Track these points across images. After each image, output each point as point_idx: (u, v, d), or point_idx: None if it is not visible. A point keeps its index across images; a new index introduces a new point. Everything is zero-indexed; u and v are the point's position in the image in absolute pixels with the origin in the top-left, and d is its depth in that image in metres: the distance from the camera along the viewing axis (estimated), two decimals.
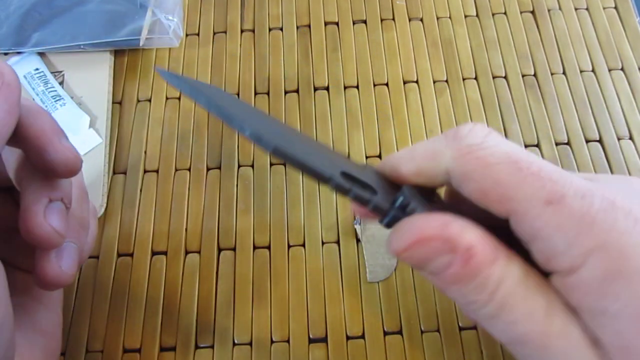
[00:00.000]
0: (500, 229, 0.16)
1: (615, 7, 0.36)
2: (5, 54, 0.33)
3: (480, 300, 0.15)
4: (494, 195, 0.15)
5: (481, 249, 0.15)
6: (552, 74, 0.33)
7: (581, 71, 0.33)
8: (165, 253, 0.29)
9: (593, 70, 0.33)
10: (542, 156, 0.31)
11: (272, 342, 0.26)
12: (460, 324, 0.26)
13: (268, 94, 0.33)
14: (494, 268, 0.15)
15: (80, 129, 0.31)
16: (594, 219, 0.14)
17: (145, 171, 0.31)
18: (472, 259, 0.15)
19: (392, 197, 0.17)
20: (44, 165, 0.19)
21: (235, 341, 0.26)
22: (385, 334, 0.26)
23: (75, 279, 0.28)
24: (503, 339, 0.16)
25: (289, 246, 0.28)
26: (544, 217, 0.14)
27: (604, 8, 0.35)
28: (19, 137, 0.18)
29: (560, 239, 0.14)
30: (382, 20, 0.35)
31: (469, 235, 0.15)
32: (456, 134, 0.17)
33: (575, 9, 0.36)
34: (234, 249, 0.28)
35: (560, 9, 0.36)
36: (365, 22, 0.35)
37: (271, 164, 0.31)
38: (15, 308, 0.18)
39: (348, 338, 0.26)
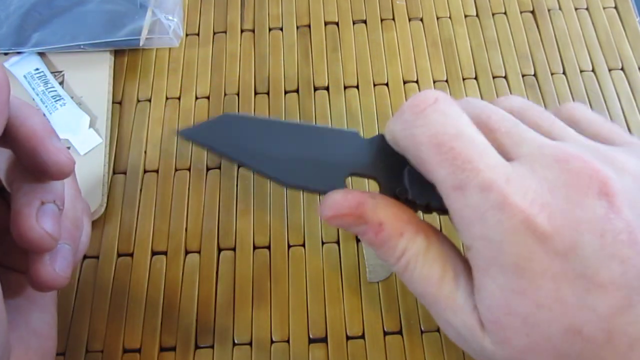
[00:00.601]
0: None
1: (615, 7, 0.36)
2: (5, 54, 0.33)
3: (390, 261, 0.19)
4: (422, 172, 0.18)
5: (390, 225, 0.19)
6: (552, 74, 0.33)
7: (581, 71, 0.33)
8: (165, 253, 0.29)
9: (593, 70, 0.33)
10: None
11: (272, 342, 0.26)
12: None
13: (268, 94, 0.33)
14: (401, 240, 0.19)
15: (80, 129, 0.31)
16: (482, 215, 0.16)
17: (145, 171, 0.31)
18: (382, 232, 0.19)
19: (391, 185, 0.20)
20: (35, 166, 0.18)
21: (235, 341, 0.26)
22: (385, 334, 0.26)
23: (75, 279, 0.28)
24: (410, 290, 0.20)
25: (289, 246, 0.28)
26: (450, 200, 0.17)
27: (604, 8, 0.35)
28: (9, 137, 0.18)
29: (458, 223, 0.17)
30: (382, 20, 0.35)
31: (381, 213, 0.19)
32: (401, 107, 0.19)
33: (575, 9, 0.36)
34: (234, 249, 0.28)
35: (560, 9, 0.36)
36: (365, 22, 0.35)
37: None
38: (8, 309, 0.18)
39: (348, 338, 0.26)
